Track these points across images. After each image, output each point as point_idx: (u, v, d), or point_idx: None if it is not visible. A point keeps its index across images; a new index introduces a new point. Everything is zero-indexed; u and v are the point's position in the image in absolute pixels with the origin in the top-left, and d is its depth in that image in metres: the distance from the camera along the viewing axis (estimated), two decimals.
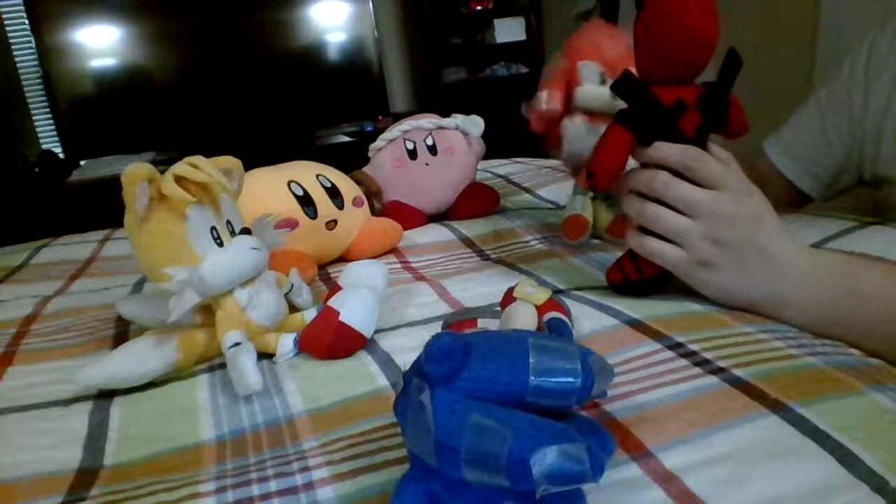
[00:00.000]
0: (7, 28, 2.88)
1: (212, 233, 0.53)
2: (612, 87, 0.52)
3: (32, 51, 2.79)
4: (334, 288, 0.57)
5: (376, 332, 0.55)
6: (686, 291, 0.55)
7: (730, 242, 0.50)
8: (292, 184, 0.76)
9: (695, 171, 0.50)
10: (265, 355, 0.55)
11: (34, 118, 2.99)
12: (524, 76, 3.28)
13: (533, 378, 0.28)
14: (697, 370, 0.43)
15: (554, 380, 0.29)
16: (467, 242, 0.84)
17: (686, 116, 0.50)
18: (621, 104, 0.53)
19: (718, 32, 0.49)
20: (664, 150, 0.51)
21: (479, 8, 3.19)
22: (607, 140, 0.53)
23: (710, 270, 0.51)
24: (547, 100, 0.73)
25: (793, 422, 0.36)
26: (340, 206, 0.79)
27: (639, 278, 0.56)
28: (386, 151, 0.95)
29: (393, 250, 0.83)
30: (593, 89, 0.72)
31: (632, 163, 0.54)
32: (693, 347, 0.46)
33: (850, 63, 0.76)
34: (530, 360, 0.29)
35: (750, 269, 0.50)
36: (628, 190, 0.54)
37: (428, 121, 0.95)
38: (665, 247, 0.52)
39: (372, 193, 0.92)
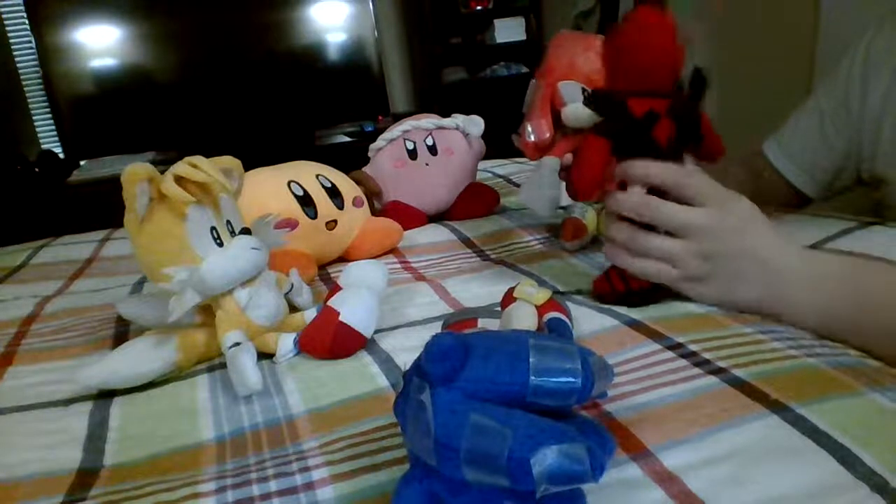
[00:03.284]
0: (7, 28, 2.87)
1: (212, 233, 0.53)
2: (584, 101, 0.54)
3: (32, 51, 2.78)
4: (334, 288, 0.57)
5: (376, 332, 0.55)
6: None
7: (719, 256, 0.50)
8: (292, 184, 0.76)
9: (680, 189, 0.50)
10: (265, 355, 0.55)
11: (34, 118, 2.99)
12: (524, 76, 3.28)
13: (533, 378, 0.28)
14: (697, 370, 0.43)
15: (554, 380, 0.29)
16: (467, 242, 0.84)
17: (658, 126, 0.51)
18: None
19: (682, 55, 0.51)
20: (648, 168, 0.51)
21: (479, 8, 3.18)
22: (585, 150, 0.54)
23: (703, 283, 0.52)
24: (533, 131, 0.73)
25: (793, 422, 0.36)
26: (340, 206, 0.79)
27: (625, 289, 0.55)
28: (386, 151, 0.95)
29: (393, 250, 0.83)
30: (579, 107, 0.72)
31: None
32: (693, 348, 0.46)
33: (848, 63, 0.76)
34: (530, 360, 0.29)
35: (743, 277, 0.50)
36: (611, 211, 0.54)
37: (428, 121, 0.95)
38: (655, 266, 0.52)
39: (372, 193, 0.92)
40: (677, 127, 0.52)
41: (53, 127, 2.93)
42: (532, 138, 0.73)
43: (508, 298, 0.48)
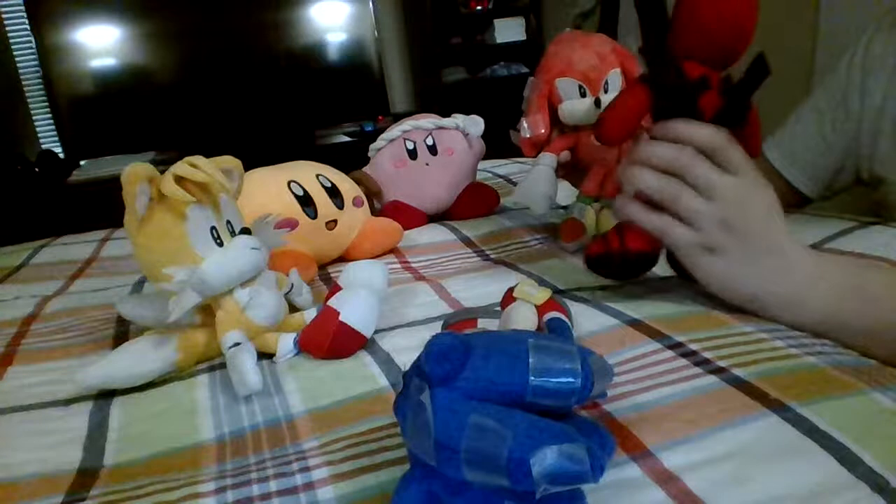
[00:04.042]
0: (7, 28, 2.87)
1: (212, 233, 0.53)
2: (638, 51, 0.51)
3: (32, 51, 2.79)
4: (334, 288, 0.57)
5: (376, 332, 0.55)
6: (685, 290, 0.54)
7: (741, 229, 0.48)
8: (292, 184, 0.76)
9: (720, 154, 0.48)
10: (265, 355, 0.55)
11: (34, 118, 2.99)
12: (524, 76, 3.26)
13: (533, 378, 0.28)
14: (697, 370, 0.43)
15: (554, 380, 0.29)
16: (467, 242, 0.84)
17: (706, 96, 0.49)
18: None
19: (755, 23, 0.48)
20: (693, 129, 0.49)
21: (479, 8, 3.18)
22: (625, 94, 0.52)
23: (715, 256, 0.49)
24: (529, 127, 0.73)
25: (793, 422, 0.36)
26: (340, 206, 0.79)
27: (620, 247, 0.53)
28: (386, 151, 0.95)
29: (393, 250, 0.83)
30: (576, 103, 0.73)
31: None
32: (693, 347, 0.46)
33: (847, 63, 0.76)
34: (530, 360, 0.29)
35: (756, 259, 0.49)
36: (639, 161, 0.51)
37: (428, 121, 0.95)
38: (676, 226, 0.50)
39: (372, 193, 0.92)
40: (725, 106, 0.49)
41: (53, 127, 2.93)
42: (528, 134, 0.74)
43: (508, 298, 0.48)
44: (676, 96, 0.50)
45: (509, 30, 3.24)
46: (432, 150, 0.94)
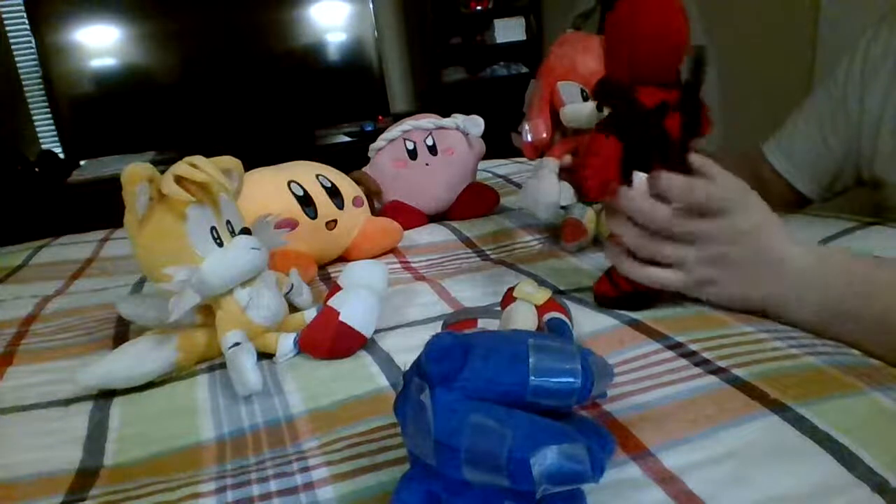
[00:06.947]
0: (7, 28, 2.87)
1: (212, 233, 0.53)
2: (594, 95, 0.51)
3: (32, 51, 2.78)
4: (334, 288, 0.57)
5: (376, 332, 0.55)
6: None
7: (729, 261, 0.50)
8: (292, 184, 0.76)
9: (695, 204, 0.49)
10: (265, 355, 0.55)
11: (34, 118, 2.99)
12: (524, 76, 3.28)
13: (533, 378, 0.28)
14: (697, 370, 0.43)
15: (554, 380, 0.29)
16: (467, 242, 0.84)
17: (670, 117, 0.49)
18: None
19: (687, 32, 0.49)
20: (666, 184, 0.49)
21: (479, 8, 3.18)
22: (596, 148, 0.52)
23: (711, 286, 0.51)
24: (531, 131, 0.73)
25: (793, 422, 0.36)
26: (340, 206, 0.79)
27: (633, 289, 0.55)
28: (386, 151, 0.95)
29: (393, 250, 0.83)
30: (577, 107, 0.73)
31: None
32: (693, 347, 0.46)
33: (846, 65, 0.76)
34: (530, 360, 0.29)
35: (751, 277, 0.50)
36: (621, 212, 0.52)
37: (428, 121, 0.95)
38: (663, 273, 0.52)
39: (372, 193, 0.92)
40: (687, 118, 0.50)
41: (53, 127, 2.93)
42: (529, 138, 0.74)
43: (508, 298, 0.48)
44: (640, 131, 0.50)
45: (509, 30, 3.24)
46: (432, 150, 0.94)
